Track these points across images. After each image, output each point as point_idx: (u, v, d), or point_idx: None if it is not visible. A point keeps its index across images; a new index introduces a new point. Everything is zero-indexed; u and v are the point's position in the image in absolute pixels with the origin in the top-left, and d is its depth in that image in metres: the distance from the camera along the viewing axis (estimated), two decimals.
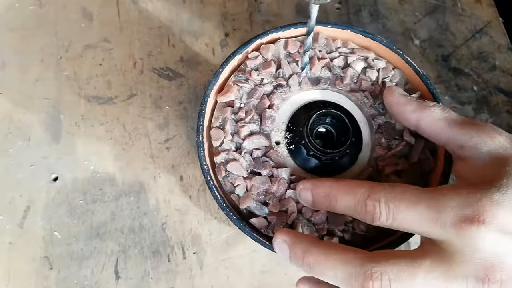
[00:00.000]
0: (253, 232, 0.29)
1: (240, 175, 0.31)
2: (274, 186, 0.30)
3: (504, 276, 0.21)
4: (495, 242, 0.21)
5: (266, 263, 0.36)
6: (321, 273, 0.24)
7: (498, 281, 0.21)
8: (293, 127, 0.33)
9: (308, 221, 0.30)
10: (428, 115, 0.28)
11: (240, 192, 0.30)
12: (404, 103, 0.29)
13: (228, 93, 0.32)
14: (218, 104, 0.33)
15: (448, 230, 0.22)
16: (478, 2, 0.45)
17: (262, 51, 0.34)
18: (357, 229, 0.30)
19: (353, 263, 0.23)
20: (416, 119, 0.28)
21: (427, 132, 0.28)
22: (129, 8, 0.43)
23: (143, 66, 0.41)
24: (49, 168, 0.37)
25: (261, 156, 0.31)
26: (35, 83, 0.40)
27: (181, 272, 0.35)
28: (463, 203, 0.22)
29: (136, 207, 0.37)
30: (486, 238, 0.21)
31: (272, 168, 0.31)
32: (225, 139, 0.31)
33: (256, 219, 0.30)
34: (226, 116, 0.32)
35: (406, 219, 0.23)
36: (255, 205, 0.30)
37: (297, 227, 0.29)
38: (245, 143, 0.31)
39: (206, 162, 0.30)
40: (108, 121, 0.39)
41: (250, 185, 0.30)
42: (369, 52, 0.34)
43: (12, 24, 0.42)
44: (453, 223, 0.22)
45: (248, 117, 0.32)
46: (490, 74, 0.42)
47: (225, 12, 0.43)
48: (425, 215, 0.23)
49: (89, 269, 0.35)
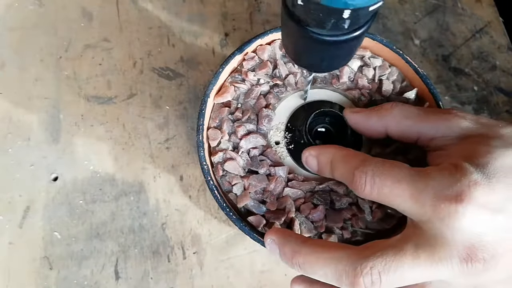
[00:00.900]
0: (253, 232, 0.29)
1: (238, 174, 0.31)
2: (272, 184, 0.30)
3: (486, 255, 0.21)
4: (474, 222, 0.21)
5: (266, 263, 0.36)
6: (312, 273, 0.24)
7: (481, 259, 0.21)
8: (292, 127, 0.33)
9: (306, 219, 0.30)
10: (391, 119, 0.28)
11: (237, 191, 0.30)
12: (366, 118, 0.29)
13: (224, 94, 0.32)
14: (215, 105, 0.33)
15: (428, 210, 0.22)
16: (478, 2, 0.45)
17: (258, 52, 0.34)
18: (356, 227, 0.30)
19: (342, 260, 0.23)
20: (383, 128, 0.28)
21: (397, 135, 0.28)
22: (129, 8, 0.43)
23: (143, 66, 0.41)
24: (49, 168, 0.37)
25: (258, 155, 0.31)
26: (35, 83, 0.40)
27: (181, 272, 0.35)
28: (444, 184, 0.22)
29: (136, 207, 0.36)
30: (465, 218, 0.21)
31: (270, 166, 0.31)
32: (222, 139, 0.32)
33: (254, 217, 0.30)
34: (223, 116, 0.32)
35: (389, 194, 0.23)
36: (252, 203, 0.30)
37: (295, 225, 0.29)
38: (242, 142, 0.31)
39: (206, 162, 0.31)
40: (108, 121, 0.39)
41: (247, 184, 0.30)
42: (365, 51, 0.34)
43: (12, 24, 0.42)
44: (432, 203, 0.22)
45: (245, 117, 0.32)
46: (490, 74, 0.42)
47: (225, 12, 0.43)
48: (407, 192, 0.23)
49: (89, 269, 0.35)
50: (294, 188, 0.31)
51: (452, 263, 0.22)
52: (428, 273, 0.22)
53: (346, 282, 0.23)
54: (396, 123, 0.28)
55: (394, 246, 0.23)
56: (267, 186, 0.30)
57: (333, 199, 0.30)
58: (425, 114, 0.27)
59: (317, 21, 0.20)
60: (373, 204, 0.30)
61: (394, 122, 0.28)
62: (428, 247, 0.22)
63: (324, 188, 0.31)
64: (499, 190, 0.21)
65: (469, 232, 0.21)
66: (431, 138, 0.26)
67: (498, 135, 0.24)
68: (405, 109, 0.28)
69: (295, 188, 0.31)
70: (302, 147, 0.31)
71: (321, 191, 0.31)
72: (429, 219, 0.22)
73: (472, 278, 0.22)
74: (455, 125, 0.26)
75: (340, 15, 0.19)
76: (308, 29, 0.21)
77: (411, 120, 0.27)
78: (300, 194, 0.31)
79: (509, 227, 0.21)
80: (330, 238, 0.29)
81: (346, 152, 0.27)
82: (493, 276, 0.22)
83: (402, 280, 0.22)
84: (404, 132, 0.28)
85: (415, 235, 0.23)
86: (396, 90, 0.33)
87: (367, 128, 0.29)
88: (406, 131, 0.28)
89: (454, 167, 0.23)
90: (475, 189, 0.21)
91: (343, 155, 0.26)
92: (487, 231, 0.21)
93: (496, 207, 0.21)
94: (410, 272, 0.22)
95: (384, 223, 0.30)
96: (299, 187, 0.31)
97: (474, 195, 0.21)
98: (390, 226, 0.30)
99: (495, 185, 0.22)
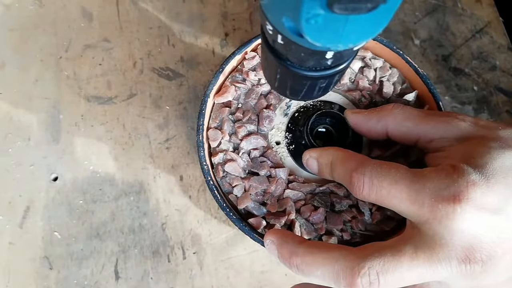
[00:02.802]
0: (252, 232, 0.29)
1: (238, 176, 0.31)
2: (272, 186, 0.30)
3: (484, 256, 0.21)
4: (472, 223, 0.21)
5: (266, 263, 0.36)
6: (309, 273, 0.24)
7: (479, 261, 0.21)
8: (293, 127, 0.33)
9: (306, 221, 0.30)
10: (391, 120, 0.28)
11: (238, 192, 0.30)
12: (367, 119, 0.29)
13: (225, 94, 0.32)
14: (216, 105, 0.33)
15: (425, 211, 0.22)
16: (478, 2, 0.45)
17: (260, 52, 0.34)
18: (356, 229, 0.30)
19: (339, 261, 0.23)
20: (383, 129, 0.28)
21: (397, 136, 0.28)
22: (129, 8, 0.43)
23: (143, 66, 0.41)
24: (49, 168, 0.37)
25: (259, 156, 0.31)
26: (35, 83, 0.40)
27: (181, 272, 0.35)
28: (441, 185, 0.22)
29: (136, 207, 0.36)
30: (462, 219, 0.21)
31: (270, 168, 0.31)
32: (223, 140, 0.31)
33: (254, 219, 0.30)
34: (224, 116, 0.32)
35: (387, 196, 0.23)
36: (253, 205, 0.30)
37: (295, 226, 0.29)
38: (242, 143, 0.31)
39: (206, 162, 0.30)
40: (108, 121, 0.39)
41: (248, 186, 0.30)
42: (366, 52, 0.34)
43: (12, 24, 0.42)
44: (430, 203, 0.22)
45: (246, 118, 0.32)
46: (490, 74, 0.42)
47: (225, 12, 0.43)
48: (404, 194, 0.23)
49: (88, 269, 0.35)
50: (294, 190, 0.30)
51: (450, 264, 0.21)
52: (426, 274, 0.22)
53: (343, 283, 0.23)
54: (396, 124, 0.28)
55: (393, 247, 0.23)
56: (267, 187, 0.30)
57: (333, 201, 0.30)
58: (425, 116, 0.27)
59: (298, 59, 0.19)
60: (373, 206, 0.30)
61: (394, 123, 0.28)
62: (427, 248, 0.22)
63: (324, 190, 0.31)
64: (497, 191, 0.21)
65: (467, 233, 0.21)
66: (430, 140, 0.26)
67: (497, 137, 0.24)
68: (405, 111, 0.28)
69: (295, 190, 0.30)
70: (303, 147, 0.31)
71: (321, 193, 0.31)
72: (427, 220, 0.22)
73: (470, 280, 0.22)
74: (454, 127, 0.25)
75: (323, 56, 0.18)
76: (288, 63, 0.20)
77: (411, 122, 0.27)
78: (301, 196, 0.31)
79: (508, 228, 0.21)
80: (330, 240, 0.29)
81: (345, 154, 0.27)
82: (492, 278, 0.22)
83: (400, 281, 0.22)
84: (404, 133, 0.28)
85: (413, 236, 0.23)
86: (396, 92, 0.33)
87: (368, 129, 0.29)
88: (406, 132, 0.27)
89: (452, 168, 0.23)
90: (473, 189, 0.21)
91: (342, 156, 0.26)
92: (485, 232, 0.21)
93: (494, 207, 0.21)
94: (408, 273, 0.22)
95: (384, 225, 0.30)
96: (300, 189, 0.31)
97: (472, 196, 0.21)
98: (389, 229, 0.30)
99: (494, 185, 0.21)
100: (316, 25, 0.15)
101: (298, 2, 0.14)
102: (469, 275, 0.21)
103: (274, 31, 0.18)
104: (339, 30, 0.15)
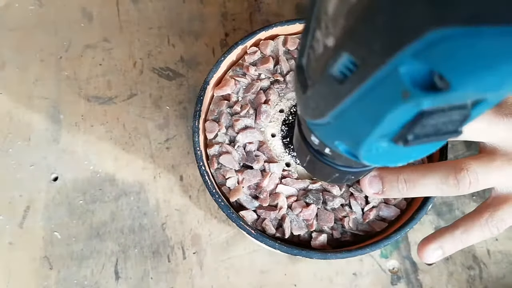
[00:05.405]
0: (239, 220, 0.29)
1: (232, 168, 0.31)
2: (265, 180, 0.30)
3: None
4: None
5: (266, 263, 0.36)
6: (417, 182, 0.26)
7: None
8: (289, 120, 0.33)
9: (297, 217, 0.30)
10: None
11: (231, 184, 0.31)
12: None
13: (225, 87, 0.32)
14: (215, 98, 0.33)
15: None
16: None
17: (261, 47, 0.34)
18: (346, 227, 0.30)
19: (443, 165, 0.26)
20: None
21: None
22: (129, 8, 0.43)
23: (143, 66, 0.41)
24: (49, 168, 0.37)
25: (254, 150, 0.32)
26: (35, 83, 0.40)
27: (181, 272, 0.35)
28: None
29: (136, 207, 0.36)
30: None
31: (264, 162, 0.31)
32: (220, 132, 0.32)
33: (245, 212, 0.30)
34: (222, 109, 0.32)
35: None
36: (245, 198, 0.30)
37: (285, 222, 0.29)
38: (239, 136, 0.31)
39: (200, 148, 0.31)
40: (108, 121, 0.39)
41: (241, 178, 0.30)
42: None
43: (12, 24, 0.42)
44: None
45: (244, 111, 0.32)
46: None
47: (225, 12, 0.43)
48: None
49: (89, 269, 0.35)
50: (287, 185, 0.31)
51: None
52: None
53: (451, 178, 0.25)
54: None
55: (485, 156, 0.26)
56: (260, 181, 0.30)
57: (326, 199, 0.30)
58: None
59: (342, 162, 0.20)
60: (365, 206, 0.30)
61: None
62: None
63: (317, 188, 0.31)
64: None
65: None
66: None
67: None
68: None
69: (288, 185, 0.31)
70: None
71: (314, 190, 0.31)
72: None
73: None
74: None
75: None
76: (324, 158, 0.20)
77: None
78: (293, 191, 0.31)
79: None
80: (320, 237, 0.30)
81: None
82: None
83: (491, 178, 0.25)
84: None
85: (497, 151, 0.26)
86: None
87: None
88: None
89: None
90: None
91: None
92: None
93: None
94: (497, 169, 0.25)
95: (375, 225, 0.30)
96: (293, 185, 0.31)
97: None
98: (380, 230, 0.30)
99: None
100: (376, 153, 0.15)
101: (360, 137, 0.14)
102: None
103: (322, 145, 0.18)
104: (401, 154, 0.15)
